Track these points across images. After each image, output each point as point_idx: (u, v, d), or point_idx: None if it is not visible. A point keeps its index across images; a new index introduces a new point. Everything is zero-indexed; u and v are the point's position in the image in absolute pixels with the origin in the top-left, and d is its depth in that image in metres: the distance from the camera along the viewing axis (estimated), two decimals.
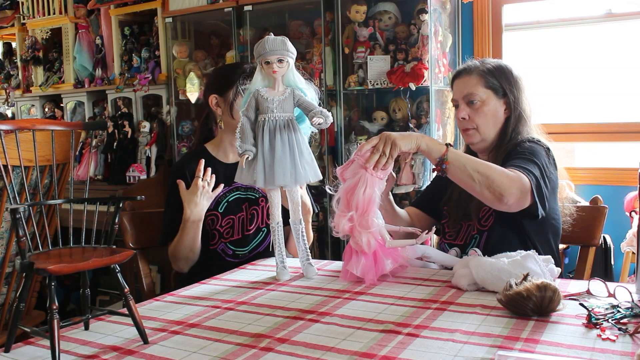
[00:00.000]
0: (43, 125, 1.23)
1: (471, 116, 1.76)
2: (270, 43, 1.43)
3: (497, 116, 1.77)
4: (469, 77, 1.78)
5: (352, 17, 2.88)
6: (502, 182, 1.50)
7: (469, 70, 1.80)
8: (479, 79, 1.76)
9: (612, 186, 2.64)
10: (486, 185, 1.50)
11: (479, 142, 1.79)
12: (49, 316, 0.99)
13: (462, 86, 1.79)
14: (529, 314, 1.17)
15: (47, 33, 4.11)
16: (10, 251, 1.96)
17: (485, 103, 1.76)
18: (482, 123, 1.76)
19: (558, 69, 2.91)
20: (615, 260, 2.59)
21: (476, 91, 1.75)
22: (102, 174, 3.72)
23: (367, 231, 1.45)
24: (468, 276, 1.38)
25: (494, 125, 1.77)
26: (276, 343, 1.09)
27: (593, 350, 1.00)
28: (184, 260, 1.89)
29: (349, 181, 1.48)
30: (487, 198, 1.52)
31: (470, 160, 1.54)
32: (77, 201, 1.24)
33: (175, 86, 3.49)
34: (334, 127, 2.95)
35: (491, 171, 1.52)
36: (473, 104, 1.76)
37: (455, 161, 1.52)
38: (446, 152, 1.52)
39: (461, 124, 1.80)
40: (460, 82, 1.81)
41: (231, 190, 1.93)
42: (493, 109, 1.76)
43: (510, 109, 1.77)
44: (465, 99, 1.77)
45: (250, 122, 1.48)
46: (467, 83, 1.78)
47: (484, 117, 1.76)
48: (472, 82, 1.77)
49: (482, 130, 1.77)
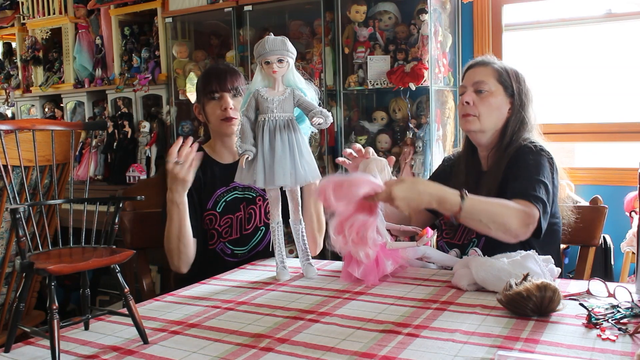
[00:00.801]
0: (43, 125, 1.23)
1: (476, 103, 1.75)
2: (270, 43, 1.43)
3: (501, 111, 1.76)
4: (484, 68, 1.78)
5: (352, 17, 2.88)
6: (517, 226, 1.52)
7: (485, 62, 1.81)
8: (493, 71, 1.77)
9: (612, 186, 2.64)
10: (502, 230, 1.52)
11: (476, 130, 1.77)
12: (49, 316, 0.99)
13: (475, 74, 1.79)
14: (529, 314, 1.17)
15: (47, 33, 4.11)
16: (10, 251, 1.96)
17: (493, 95, 1.75)
18: (485, 112, 1.75)
19: (558, 69, 2.91)
20: (615, 260, 2.59)
21: (487, 81, 1.75)
22: (102, 174, 3.72)
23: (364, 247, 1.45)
24: (468, 276, 1.38)
25: (496, 119, 1.76)
26: (276, 343, 1.09)
27: (593, 350, 1.00)
28: (176, 255, 1.84)
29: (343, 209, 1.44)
30: (501, 238, 1.55)
31: (485, 210, 1.51)
32: (77, 201, 1.24)
33: (175, 86, 3.49)
34: (334, 127, 2.95)
35: (505, 218, 1.51)
36: (481, 93, 1.75)
37: (470, 214, 1.50)
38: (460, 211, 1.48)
39: (463, 108, 1.78)
40: (473, 71, 1.80)
41: (229, 190, 1.93)
42: (499, 103, 1.75)
43: (513, 110, 1.76)
44: (474, 85, 1.77)
45: (250, 122, 1.48)
46: (480, 72, 1.78)
47: (488, 107, 1.75)
48: (486, 72, 1.77)
49: (483, 120, 1.75)
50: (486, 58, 1.84)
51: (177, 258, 1.85)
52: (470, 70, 1.82)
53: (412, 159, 2.79)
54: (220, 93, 1.90)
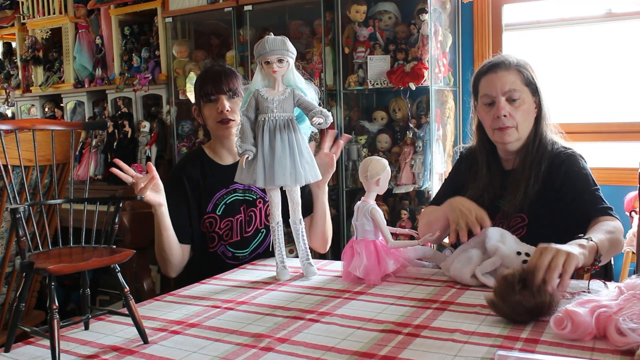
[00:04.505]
0: (43, 125, 1.23)
1: (512, 114, 1.67)
2: (270, 43, 1.43)
3: (532, 114, 1.70)
4: (508, 73, 1.68)
5: (352, 17, 2.88)
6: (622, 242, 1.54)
7: (507, 65, 1.70)
8: (517, 74, 1.68)
9: (612, 186, 2.63)
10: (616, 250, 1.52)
11: (515, 141, 1.70)
12: (49, 316, 0.99)
13: (501, 81, 1.68)
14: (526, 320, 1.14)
15: (47, 33, 4.11)
16: (10, 251, 1.96)
17: (525, 101, 1.68)
18: (522, 121, 1.68)
19: (558, 69, 2.91)
20: (615, 260, 2.59)
21: (518, 87, 1.67)
22: (102, 174, 3.72)
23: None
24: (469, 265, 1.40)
25: (529, 124, 1.70)
26: (276, 343, 1.09)
27: (593, 351, 1.00)
28: (161, 260, 1.86)
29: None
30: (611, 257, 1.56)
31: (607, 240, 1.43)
32: (77, 201, 1.24)
33: (175, 86, 3.49)
34: (334, 127, 2.95)
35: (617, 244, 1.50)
36: (514, 102, 1.67)
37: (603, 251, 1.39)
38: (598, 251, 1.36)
39: (498, 122, 1.68)
40: (497, 77, 1.69)
41: (229, 192, 1.92)
42: (529, 107, 1.69)
43: (539, 107, 1.72)
44: (506, 94, 1.67)
45: (250, 122, 1.48)
46: (506, 78, 1.67)
47: (524, 115, 1.68)
48: (512, 77, 1.67)
49: (521, 129, 1.69)
50: (505, 58, 1.73)
51: (162, 263, 1.87)
52: (491, 75, 1.71)
53: (412, 159, 2.79)
54: (216, 95, 1.89)
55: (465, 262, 1.43)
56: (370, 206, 1.49)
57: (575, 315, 1.04)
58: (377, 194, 1.53)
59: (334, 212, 2.98)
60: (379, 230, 1.49)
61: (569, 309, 1.05)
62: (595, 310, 1.04)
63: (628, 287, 1.09)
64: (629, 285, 1.09)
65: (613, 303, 1.05)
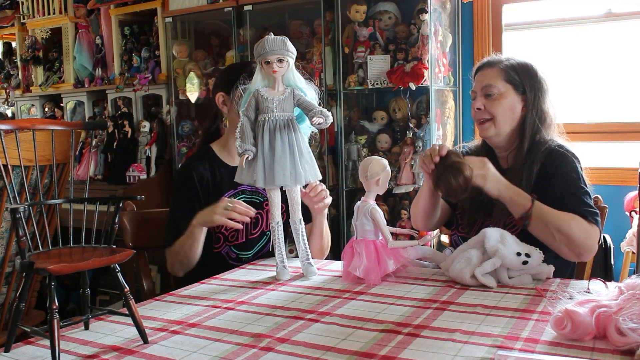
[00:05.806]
0: (43, 125, 1.23)
1: (487, 107, 1.74)
2: (270, 43, 1.43)
3: (514, 111, 1.74)
4: (491, 70, 1.77)
5: (352, 16, 2.88)
6: (583, 242, 1.53)
7: (491, 63, 1.78)
8: (499, 72, 1.75)
9: (612, 186, 2.64)
10: (566, 243, 1.53)
11: (493, 135, 1.76)
12: (49, 316, 0.99)
13: (483, 78, 1.77)
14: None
15: (47, 33, 4.11)
16: (10, 251, 1.96)
17: (503, 96, 1.73)
18: (499, 114, 1.73)
19: (558, 69, 2.91)
20: (615, 260, 2.59)
21: (495, 83, 1.73)
22: (102, 174, 3.72)
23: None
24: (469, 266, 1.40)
25: (510, 119, 1.74)
26: (276, 343, 1.09)
27: (593, 351, 1.00)
28: (178, 264, 1.84)
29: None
30: (564, 253, 1.55)
31: (552, 217, 1.53)
32: (77, 201, 1.24)
33: (175, 86, 3.49)
34: (334, 127, 2.95)
35: (572, 230, 1.53)
36: (490, 96, 1.74)
37: (538, 218, 1.53)
38: (531, 208, 1.53)
39: (476, 114, 1.77)
40: (481, 74, 1.79)
41: (237, 193, 1.91)
42: (510, 103, 1.73)
43: (527, 106, 1.74)
44: (483, 90, 1.75)
45: (250, 122, 1.48)
46: (487, 75, 1.76)
47: (500, 109, 1.73)
48: (493, 74, 1.75)
49: (498, 123, 1.74)
50: (493, 58, 1.81)
51: (178, 267, 1.85)
52: (478, 73, 1.81)
53: (412, 159, 2.79)
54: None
55: (464, 262, 1.43)
56: (370, 206, 1.49)
57: (575, 315, 1.04)
58: (377, 194, 1.53)
59: (334, 212, 2.98)
60: (379, 230, 1.49)
61: (569, 309, 1.06)
62: (595, 310, 1.05)
63: (628, 287, 1.09)
64: (629, 285, 1.09)
65: (613, 303, 1.06)
